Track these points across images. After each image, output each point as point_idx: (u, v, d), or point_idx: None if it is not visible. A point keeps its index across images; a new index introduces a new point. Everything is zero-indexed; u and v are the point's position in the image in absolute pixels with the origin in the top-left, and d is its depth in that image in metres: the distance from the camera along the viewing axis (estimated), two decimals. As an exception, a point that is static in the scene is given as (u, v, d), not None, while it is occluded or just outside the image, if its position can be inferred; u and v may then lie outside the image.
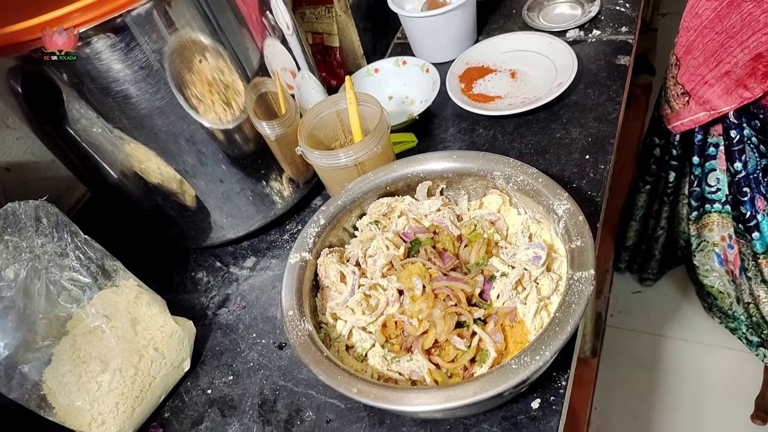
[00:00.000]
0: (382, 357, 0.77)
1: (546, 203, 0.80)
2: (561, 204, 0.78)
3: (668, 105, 1.43)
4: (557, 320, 0.67)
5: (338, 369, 0.71)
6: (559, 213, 0.78)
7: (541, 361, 0.64)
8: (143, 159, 0.92)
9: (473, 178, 0.89)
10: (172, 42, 0.81)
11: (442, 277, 0.80)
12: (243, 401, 0.89)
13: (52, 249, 0.84)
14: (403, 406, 0.66)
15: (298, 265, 0.84)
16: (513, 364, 0.65)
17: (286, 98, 1.00)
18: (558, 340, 0.65)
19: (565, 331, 0.65)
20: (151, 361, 0.88)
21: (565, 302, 0.68)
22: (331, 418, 0.83)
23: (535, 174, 0.83)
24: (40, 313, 0.83)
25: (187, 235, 1.07)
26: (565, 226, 0.76)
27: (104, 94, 0.82)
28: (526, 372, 0.64)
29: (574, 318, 0.66)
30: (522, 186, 0.84)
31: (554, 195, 0.79)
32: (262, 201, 1.05)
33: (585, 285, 0.69)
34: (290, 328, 0.77)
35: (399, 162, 0.92)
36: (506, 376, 0.64)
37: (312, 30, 1.31)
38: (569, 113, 1.14)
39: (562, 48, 1.22)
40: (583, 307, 0.67)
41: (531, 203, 0.84)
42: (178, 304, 1.04)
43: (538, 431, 0.75)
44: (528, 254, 0.79)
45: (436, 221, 0.88)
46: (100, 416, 0.84)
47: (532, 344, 0.66)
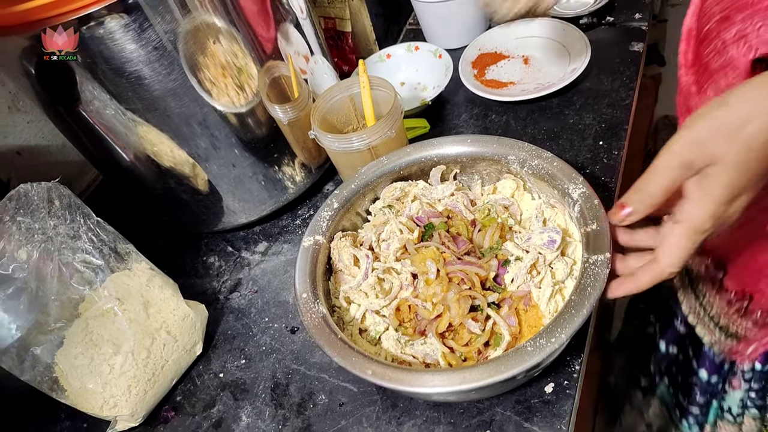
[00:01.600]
0: (396, 340, 0.77)
1: (561, 187, 0.79)
2: (576, 188, 0.77)
3: (722, 332, 1.04)
4: (573, 303, 0.66)
5: (352, 351, 0.70)
6: (574, 197, 0.77)
7: (556, 344, 0.64)
8: (156, 142, 0.91)
9: (487, 163, 0.88)
10: (185, 23, 0.81)
11: (456, 261, 0.80)
12: (255, 385, 0.89)
13: (64, 231, 0.83)
14: (418, 388, 0.66)
15: (311, 248, 0.84)
16: (528, 346, 0.64)
17: (299, 82, 1.00)
18: (574, 323, 0.64)
19: (580, 314, 0.65)
20: (163, 344, 0.88)
21: (580, 285, 0.68)
22: (344, 402, 0.83)
23: (550, 158, 0.82)
24: (53, 295, 0.83)
25: (199, 220, 1.07)
26: (581, 210, 0.75)
27: (117, 75, 0.81)
28: (542, 354, 0.63)
29: (590, 301, 0.66)
30: (536, 170, 0.83)
31: (569, 179, 0.79)
32: (274, 186, 1.05)
33: (601, 268, 0.68)
34: (304, 310, 0.77)
35: (412, 146, 0.91)
36: (522, 359, 0.64)
37: (324, 15, 1.30)
38: (582, 99, 1.13)
39: (575, 34, 1.21)
40: (599, 290, 0.66)
41: (545, 188, 0.83)
42: (190, 288, 1.04)
43: (551, 415, 0.74)
44: (543, 238, 0.78)
45: (449, 206, 0.88)
46: (112, 399, 0.84)
47: (547, 327, 0.65)
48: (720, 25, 0.78)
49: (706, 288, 1.01)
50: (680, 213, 0.61)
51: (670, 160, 0.60)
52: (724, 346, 1.04)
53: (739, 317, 0.98)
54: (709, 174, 0.58)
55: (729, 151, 0.56)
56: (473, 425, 0.76)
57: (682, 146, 0.59)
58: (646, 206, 0.64)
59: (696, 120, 0.58)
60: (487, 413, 0.76)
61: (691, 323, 1.07)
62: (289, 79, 0.99)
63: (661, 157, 0.61)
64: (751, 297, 0.94)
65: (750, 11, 0.71)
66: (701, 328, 1.06)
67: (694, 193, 0.60)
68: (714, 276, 0.97)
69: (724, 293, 0.98)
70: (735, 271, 0.94)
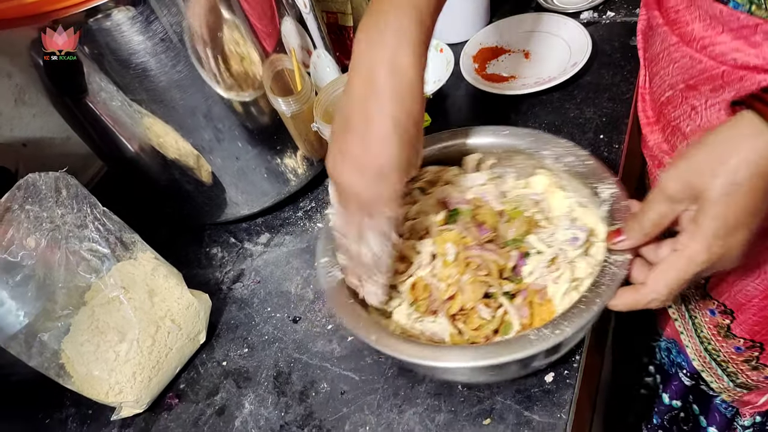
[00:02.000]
0: (407, 315, 0.78)
1: (592, 186, 0.79)
2: (607, 188, 0.77)
3: (730, 379, 1.02)
4: (585, 298, 0.66)
5: (361, 317, 0.73)
6: (603, 196, 0.76)
7: (561, 336, 0.64)
8: (161, 133, 0.93)
9: (522, 157, 0.88)
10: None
11: (476, 247, 0.80)
12: (258, 373, 0.90)
13: (71, 220, 0.85)
14: (416, 359, 0.68)
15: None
16: (531, 335, 0.65)
17: (302, 75, 1.01)
18: (582, 318, 0.65)
19: (591, 310, 0.65)
20: (167, 332, 0.89)
21: (596, 282, 0.68)
22: (345, 390, 0.84)
23: (584, 156, 0.81)
24: (60, 283, 0.84)
25: (203, 211, 1.08)
26: (609, 210, 0.75)
27: (124, 66, 0.83)
28: (545, 344, 0.64)
29: (602, 298, 0.66)
30: (570, 167, 0.82)
31: (601, 178, 0.78)
32: (276, 178, 1.06)
33: (619, 268, 0.68)
34: (322, 274, 0.79)
35: (448, 132, 0.91)
36: (522, 346, 0.65)
37: (326, 9, 1.31)
38: (583, 93, 1.14)
39: (576, 29, 1.22)
40: (614, 289, 0.66)
41: (578, 186, 0.82)
42: (194, 278, 1.05)
43: (551, 404, 0.75)
44: (566, 235, 0.78)
45: (479, 194, 0.88)
46: (118, 385, 0.86)
47: (554, 319, 0.66)
48: (687, 93, 0.79)
49: (712, 333, 0.99)
50: (676, 242, 0.63)
51: (657, 195, 0.63)
52: (734, 394, 1.03)
53: (750, 369, 0.97)
54: (700, 208, 0.60)
55: (714, 184, 0.58)
56: (474, 413, 0.77)
57: (666, 182, 0.62)
58: (639, 236, 0.67)
59: (680, 159, 0.61)
60: (488, 402, 0.77)
61: (697, 369, 1.05)
62: (293, 72, 1.00)
63: (651, 193, 0.64)
64: (762, 346, 0.93)
65: (720, 82, 0.73)
66: (708, 375, 1.04)
67: (688, 226, 0.62)
68: (720, 322, 0.96)
69: (732, 339, 0.96)
70: (743, 319, 0.93)
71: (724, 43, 0.71)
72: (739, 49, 0.69)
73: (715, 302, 0.94)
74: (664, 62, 0.82)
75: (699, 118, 0.80)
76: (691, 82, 0.78)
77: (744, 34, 0.68)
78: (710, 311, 0.96)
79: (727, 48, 0.70)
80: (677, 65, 0.79)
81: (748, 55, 0.68)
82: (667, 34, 0.79)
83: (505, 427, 0.75)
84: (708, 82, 0.75)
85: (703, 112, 0.79)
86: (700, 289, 0.94)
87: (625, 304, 0.67)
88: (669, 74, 0.82)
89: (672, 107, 0.84)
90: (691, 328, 1.02)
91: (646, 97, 0.94)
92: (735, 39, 0.70)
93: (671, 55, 0.80)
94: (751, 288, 0.87)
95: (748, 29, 0.67)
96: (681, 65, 0.78)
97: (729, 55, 0.70)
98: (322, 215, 1.10)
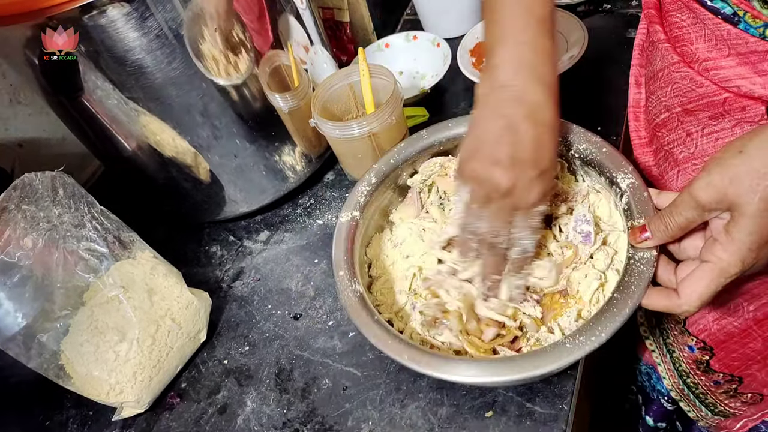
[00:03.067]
0: (421, 323, 0.77)
1: (609, 175, 0.76)
2: (626, 177, 0.74)
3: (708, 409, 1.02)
4: (615, 300, 0.65)
5: (388, 334, 0.71)
6: (622, 187, 0.74)
7: (596, 342, 0.63)
8: (158, 131, 0.92)
9: None
10: (186, 12, 0.81)
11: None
12: (259, 371, 0.90)
13: (69, 219, 0.84)
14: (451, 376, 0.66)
15: (348, 224, 0.84)
16: (567, 343, 0.63)
17: (299, 71, 1.00)
18: (615, 322, 0.63)
19: (623, 313, 0.63)
20: (168, 331, 0.88)
21: (624, 282, 0.66)
22: (347, 386, 0.84)
23: (599, 143, 0.78)
24: (58, 283, 0.84)
25: (201, 209, 1.08)
26: (629, 202, 0.72)
27: (119, 64, 0.82)
28: (581, 352, 0.62)
29: (633, 300, 0.64)
30: (584, 155, 0.80)
31: (619, 167, 0.75)
32: (275, 175, 1.06)
33: (646, 266, 0.66)
34: (341, 288, 0.77)
35: (453, 121, 0.89)
36: (559, 355, 0.63)
37: (322, 5, 1.31)
38: (580, 86, 1.14)
39: (572, 21, 1.21)
40: (643, 289, 0.65)
41: (593, 173, 0.80)
42: (193, 277, 1.05)
43: (553, 395, 0.75)
44: (577, 237, 0.77)
45: None
46: (118, 385, 0.85)
47: (587, 323, 0.64)
48: (684, 117, 0.77)
49: (690, 368, 0.98)
50: (708, 253, 0.60)
51: (688, 201, 0.61)
52: (711, 421, 1.02)
53: (728, 398, 0.96)
54: (734, 220, 0.57)
55: (751, 200, 0.55)
56: (476, 406, 0.77)
57: (697, 189, 0.59)
58: (664, 237, 0.65)
59: (713, 165, 0.58)
60: (490, 394, 0.77)
61: (675, 398, 1.05)
62: (290, 68, 1.00)
63: (680, 196, 0.62)
64: (741, 380, 0.93)
65: (720, 110, 0.71)
66: (686, 405, 1.04)
67: (721, 236, 0.59)
68: (699, 358, 0.95)
69: (711, 374, 0.96)
70: (722, 355, 0.92)
71: (729, 68, 0.68)
72: (744, 75, 0.67)
73: (694, 338, 0.93)
74: (663, 81, 0.80)
75: (693, 146, 0.78)
76: (689, 107, 0.76)
77: (751, 60, 0.66)
78: (689, 347, 0.95)
79: (731, 73, 0.68)
80: (676, 86, 0.77)
81: (754, 83, 0.66)
82: (669, 52, 0.77)
83: (507, 419, 0.75)
84: (707, 109, 0.73)
85: (698, 140, 0.77)
86: (680, 324, 0.94)
87: (658, 307, 0.65)
88: (666, 95, 0.80)
89: (666, 130, 0.83)
90: (669, 361, 1.02)
91: (640, 117, 0.92)
92: (741, 64, 0.67)
93: (671, 74, 0.78)
94: (731, 327, 0.87)
95: (757, 55, 0.65)
96: (680, 87, 0.76)
97: (733, 81, 0.68)
98: (321, 212, 1.10)
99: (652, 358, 1.06)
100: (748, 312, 0.84)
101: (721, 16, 0.67)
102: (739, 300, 0.84)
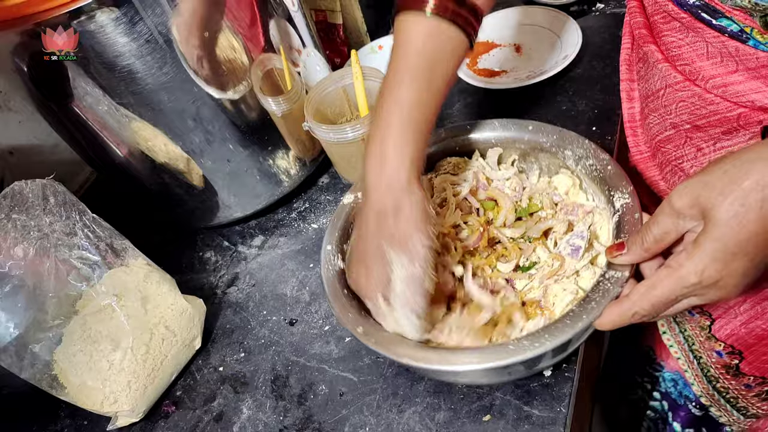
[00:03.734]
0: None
1: (607, 193, 0.76)
2: (622, 197, 0.73)
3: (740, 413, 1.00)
4: (571, 313, 0.64)
5: (352, 308, 0.72)
6: (616, 206, 0.73)
7: (540, 349, 0.63)
8: (150, 137, 0.91)
9: (545, 155, 0.85)
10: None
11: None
12: (255, 377, 0.89)
13: (60, 228, 0.83)
14: (393, 356, 0.67)
15: (349, 206, 0.84)
16: (510, 345, 0.64)
17: (291, 74, 1.00)
18: (564, 333, 0.63)
19: (576, 326, 0.63)
20: (162, 339, 0.88)
21: (587, 298, 0.65)
22: (344, 391, 0.83)
23: (606, 160, 0.77)
24: (50, 292, 0.83)
25: (195, 215, 1.07)
26: (619, 221, 0.72)
27: (109, 70, 0.81)
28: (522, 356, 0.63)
29: (589, 315, 0.63)
30: (589, 170, 0.79)
31: (618, 186, 0.74)
32: (269, 179, 1.05)
33: (614, 285, 0.65)
34: (324, 261, 0.78)
35: (471, 124, 0.89)
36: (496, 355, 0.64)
37: (315, 7, 1.30)
38: (575, 86, 1.14)
39: (566, 21, 1.21)
40: (603, 306, 0.64)
41: (597, 190, 0.79)
42: (187, 284, 1.04)
43: (551, 398, 0.74)
44: (566, 248, 0.76)
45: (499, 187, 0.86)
46: (113, 395, 0.84)
47: (536, 332, 0.64)
48: (692, 133, 0.77)
49: (720, 373, 0.97)
50: (671, 259, 0.59)
51: (664, 208, 0.60)
52: (743, 425, 1.01)
53: (760, 401, 0.95)
54: (703, 228, 0.56)
55: (720, 204, 0.54)
56: (473, 410, 0.76)
57: (674, 195, 0.59)
58: (640, 251, 0.63)
59: (693, 176, 0.58)
60: (487, 398, 0.76)
61: (705, 404, 1.04)
62: (282, 72, 0.99)
63: (659, 207, 0.61)
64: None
65: (735, 125, 0.70)
66: (716, 410, 1.02)
67: (689, 246, 0.58)
68: (728, 363, 0.94)
69: (741, 378, 0.94)
70: (753, 358, 0.91)
71: (740, 83, 0.68)
72: (758, 89, 0.66)
73: (721, 344, 0.92)
74: (666, 100, 0.79)
75: (706, 160, 0.77)
76: (699, 123, 0.75)
77: (763, 74, 0.65)
78: (717, 353, 0.94)
79: (744, 88, 0.67)
80: (682, 104, 0.76)
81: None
82: (670, 72, 0.76)
83: (505, 423, 0.74)
84: (720, 125, 0.72)
85: (710, 154, 0.77)
86: (705, 330, 0.93)
87: (611, 321, 0.63)
88: (671, 113, 0.79)
89: (673, 146, 0.82)
90: (697, 368, 1.00)
91: (638, 132, 0.91)
92: (752, 78, 0.66)
93: (675, 93, 0.77)
94: (759, 330, 0.86)
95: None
96: (687, 105, 0.75)
97: (747, 95, 0.67)
98: (316, 216, 1.09)
99: (678, 365, 1.04)
100: None
101: (728, 34, 0.67)
102: (766, 303, 0.83)
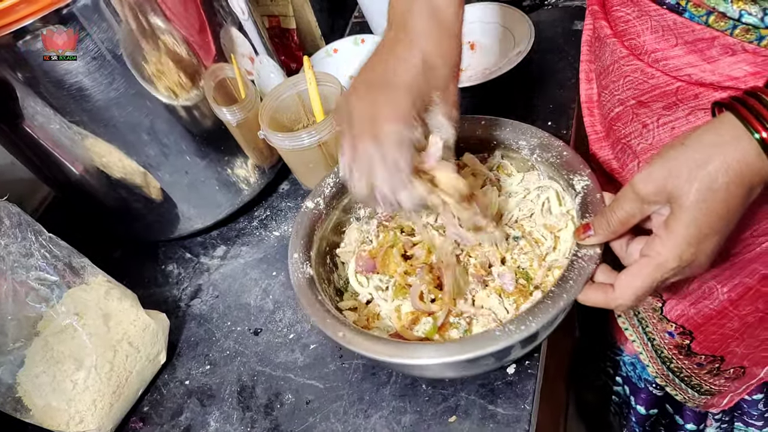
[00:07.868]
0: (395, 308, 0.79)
1: (567, 177, 0.78)
2: (581, 180, 0.76)
3: (694, 390, 1.03)
4: (551, 293, 0.66)
5: (328, 314, 0.73)
6: (577, 189, 0.76)
7: (526, 332, 0.64)
8: (104, 153, 0.91)
9: (501, 150, 0.88)
10: (121, 31, 0.80)
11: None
12: (221, 389, 0.89)
13: (16, 249, 0.82)
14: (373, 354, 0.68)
15: (311, 212, 0.85)
16: (497, 331, 0.65)
17: (245, 83, 0.99)
18: (548, 313, 0.65)
19: (557, 306, 0.65)
20: (126, 356, 0.87)
21: (563, 277, 0.67)
22: (310, 399, 0.83)
23: (561, 147, 0.81)
24: (9, 315, 0.82)
25: (155, 228, 1.06)
26: (582, 202, 0.74)
27: (58, 88, 0.81)
28: (510, 340, 0.64)
29: (569, 294, 0.65)
30: (545, 159, 0.81)
31: (576, 171, 0.77)
32: (228, 189, 1.05)
33: (588, 263, 0.67)
34: (293, 271, 0.79)
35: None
36: (488, 343, 0.65)
37: (267, 13, 1.29)
38: (529, 81, 1.15)
39: (518, 16, 1.22)
40: (581, 284, 0.66)
41: (556, 176, 0.82)
42: (151, 298, 1.03)
43: (515, 395, 0.75)
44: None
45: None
46: (78, 414, 0.84)
47: (521, 314, 0.66)
48: (638, 109, 0.78)
49: (672, 353, 0.99)
50: (647, 248, 0.61)
51: (629, 194, 0.61)
52: (699, 401, 1.04)
53: (712, 377, 0.98)
54: (673, 213, 0.58)
55: (689, 190, 0.56)
56: (439, 412, 0.76)
57: (638, 182, 0.60)
58: (607, 233, 0.65)
59: (656, 158, 0.59)
60: (452, 399, 0.77)
61: (660, 384, 1.07)
62: (235, 80, 0.99)
63: (622, 190, 0.62)
64: (722, 358, 0.94)
65: (674, 99, 0.71)
66: (672, 389, 1.05)
67: (659, 231, 0.60)
68: (680, 343, 0.96)
69: (693, 357, 0.97)
70: (702, 338, 0.93)
71: (678, 57, 0.69)
72: (694, 63, 0.67)
73: (672, 324, 0.94)
74: (614, 76, 0.81)
75: (651, 137, 0.79)
76: (642, 98, 0.76)
77: (699, 48, 0.67)
78: (669, 333, 0.96)
79: (681, 62, 0.69)
80: (628, 79, 0.77)
81: (704, 71, 0.67)
82: (617, 46, 0.77)
83: (470, 423, 0.75)
84: (660, 99, 0.74)
85: (654, 130, 0.78)
86: (657, 312, 0.95)
87: (593, 302, 0.66)
88: (619, 89, 0.80)
89: (622, 124, 0.83)
90: (651, 349, 1.03)
91: (594, 112, 0.93)
92: (690, 53, 0.68)
93: (621, 68, 0.78)
94: (707, 310, 0.88)
95: (704, 42, 0.66)
96: (632, 80, 0.77)
97: (683, 69, 0.69)
98: (277, 223, 1.09)
99: (634, 348, 1.07)
100: (723, 294, 0.85)
101: (666, 7, 0.68)
102: (712, 283, 0.85)
